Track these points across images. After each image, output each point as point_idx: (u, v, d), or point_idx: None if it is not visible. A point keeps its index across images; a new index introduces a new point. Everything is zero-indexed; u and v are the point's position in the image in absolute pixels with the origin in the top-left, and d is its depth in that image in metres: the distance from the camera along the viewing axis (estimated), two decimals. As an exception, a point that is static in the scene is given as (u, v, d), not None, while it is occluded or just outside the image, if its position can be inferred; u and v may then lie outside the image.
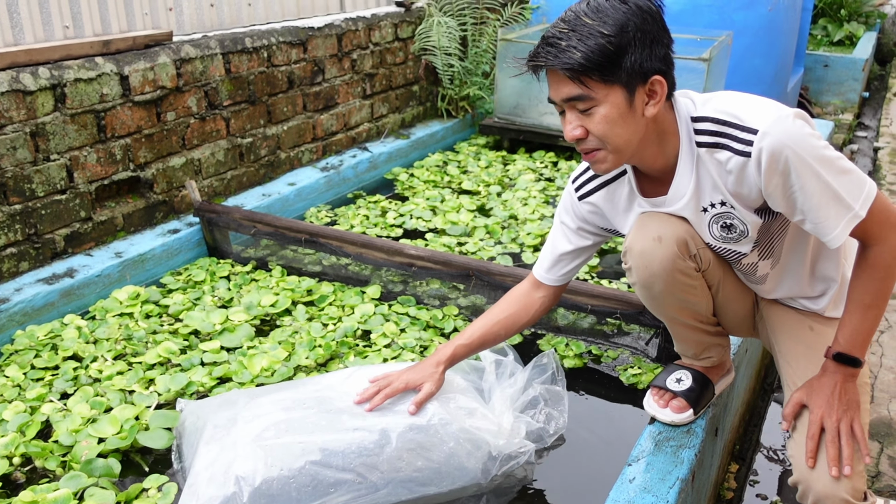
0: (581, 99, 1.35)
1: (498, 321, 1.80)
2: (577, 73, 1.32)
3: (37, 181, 2.56)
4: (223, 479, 1.58)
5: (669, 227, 1.53)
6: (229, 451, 1.64)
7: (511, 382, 1.94)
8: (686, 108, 1.45)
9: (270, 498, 1.58)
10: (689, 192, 1.47)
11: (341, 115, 3.96)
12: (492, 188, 3.83)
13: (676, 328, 1.75)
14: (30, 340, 2.37)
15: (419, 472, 1.71)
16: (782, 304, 1.69)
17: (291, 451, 1.63)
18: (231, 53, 3.20)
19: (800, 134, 1.32)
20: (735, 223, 1.49)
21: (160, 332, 2.46)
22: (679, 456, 1.69)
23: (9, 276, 2.53)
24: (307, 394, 1.81)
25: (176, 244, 2.93)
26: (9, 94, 2.41)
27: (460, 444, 1.75)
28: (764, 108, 1.36)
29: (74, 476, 1.80)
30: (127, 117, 2.81)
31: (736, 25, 5.21)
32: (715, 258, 1.62)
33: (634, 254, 1.58)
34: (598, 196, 1.64)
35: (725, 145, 1.38)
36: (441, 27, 4.28)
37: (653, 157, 1.46)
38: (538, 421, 1.92)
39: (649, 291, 1.63)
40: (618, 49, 1.31)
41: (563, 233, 1.73)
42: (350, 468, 1.65)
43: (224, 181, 3.31)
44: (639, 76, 1.34)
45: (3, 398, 2.11)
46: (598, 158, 1.42)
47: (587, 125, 1.37)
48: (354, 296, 2.71)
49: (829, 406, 1.45)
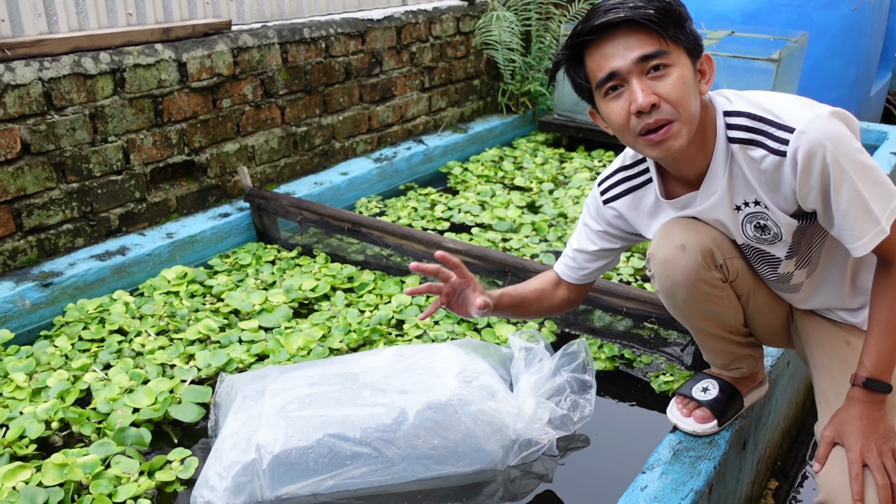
0: (659, 55, 1.25)
1: (536, 289, 1.71)
2: (656, 25, 1.24)
3: (94, 161, 2.67)
4: (245, 446, 1.67)
5: (694, 235, 1.47)
6: (254, 421, 1.72)
7: (538, 368, 1.94)
8: (720, 104, 1.39)
9: (289, 466, 1.66)
10: (720, 189, 1.41)
11: (398, 107, 3.99)
12: (544, 185, 3.78)
13: (702, 338, 1.69)
14: (80, 313, 2.48)
15: (435, 450, 1.74)
16: (818, 315, 1.61)
17: (311, 423, 1.70)
18: (288, 43, 3.26)
19: (838, 135, 1.26)
20: (769, 224, 1.42)
21: (202, 311, 2.54)
22: (697, 467, 1.63)
23: (64, 252, 2.65)
24: (334, 370, 1.87)
25: (225, 228, 3.01)
26: (70, 78, 2.53)
27: (479, 425, 1.77)
28: (801, 106, 1.30)
29: (104, 443, 1.87)
30: (183, 103, 2.90)
31: (815, 26, 4.99)
32: (745, 268, 1.55)
33: (657, 262, 1.52)
34: (623, 202, 1.58)
35: (760, 143, 1.32)
36: (500, 21, 4.25)
37: (696, 149, 1.38)
38: (563, 408, 1.90)
39: (672, 300, 1.57)
40: (680, 13, 1.28)
41: (586, 234, 1.69)
42: (367, 442, 1.70)
43: (277, 168, 3.38)
44: (697, 47, 1.31)
45: (50, 366, 2.22)
46: (672, 132, 1.28)
47: (660, 90, 1.26)
48: (393, 285, 2.73)
49: (867, 440, 1.35)
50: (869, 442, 1.34)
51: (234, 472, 1.63)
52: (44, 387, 2.10)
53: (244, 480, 1.63)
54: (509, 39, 4.38)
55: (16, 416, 1.98)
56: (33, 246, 2.57)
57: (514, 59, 4.50)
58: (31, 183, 2.51)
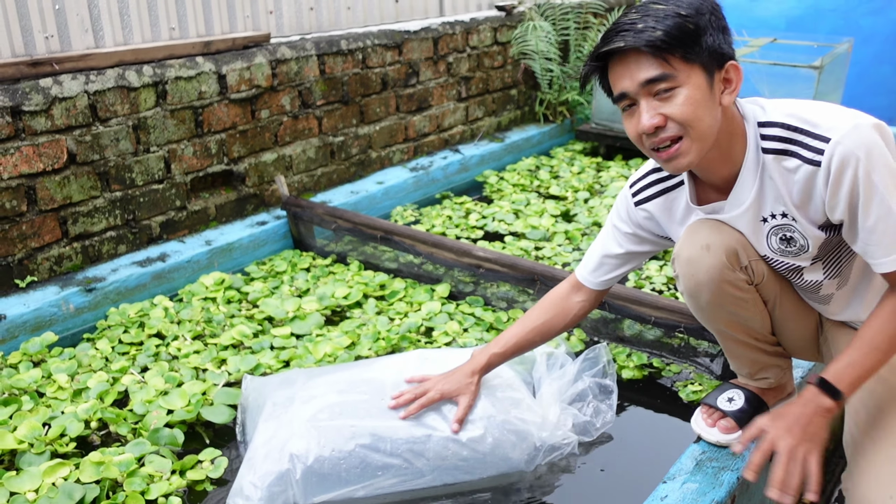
0: (664, 79, 1.27)
1: (534, 328, 1.78)
2: (659, 51, 1.26)
3: (136, 171, 2.77)
4: (279, 456, 1.69)
5: (719, 235, 1.47)
6: (286, 429, 1.75)
7: (560, 374, 1.95)
8: (753, 114, 1.38)
9: (321, 476, 1.68)
10: (749, 200, 1.40)
11: (434, 116, 4.03)
12: (579, 194, 3.78)
13: (728, 343, 1.67)
14: (121, 317, 2.57)
15: (464, 461, 1.76)
16: (850, 326, 1.59)
17: (343, 433, 1.72)
18: (326, 55, 3.33)
19: (874, 147, 1.25)
20: (795, 236, 1.41)
21: (237, 317, 2.60)
22: (719, 478, 1.61)
23: (107, 258, 2.75)
24: (360, 376, 1.89)
25: (262, 235, 3.08)
26: (114, 90, 2.63)
27: (505, 435, 1.79)
28: (841, 115, 1.28)
29: (139, 443, 1.93)
30: (223, 114, 2.99)
31: (863, 32, 4.87)
32: (771, 272, 1.54)
33: (682, 261, 1.53)
34: (654, 204, 1.58)
35: (794, 153, 1.31)
36: (537, 31, 4.26)
37: (721, 159, 1.39)
38: (585, 414, 1.91)
39: (696, 301, 1.57)
40: (696, 28, 1.27)
41: (614, 236, 1.69)
42: (397, 454, 1.72)
43: (314, 178, 3.45)
44: (717, 59, 1.30)
45: (91, 368, 2.30)
46: (681, 150, 1.31)
47: (666, 111, 1.29)
48: (424, 293, 2.75)
49: (789, 432, 1.35)
50: (790, 433, 1.34)
51: (269, 481, 1.66)
52: (84, 388, 2.18)
53: (278, 490, 1.66)
54: (546, 49, 4.39)
55: (57, 416, 2.05)
56: (78, 252, 2.68)
57: (551, 69, 4.50)
58: (76, 192, 2.62)
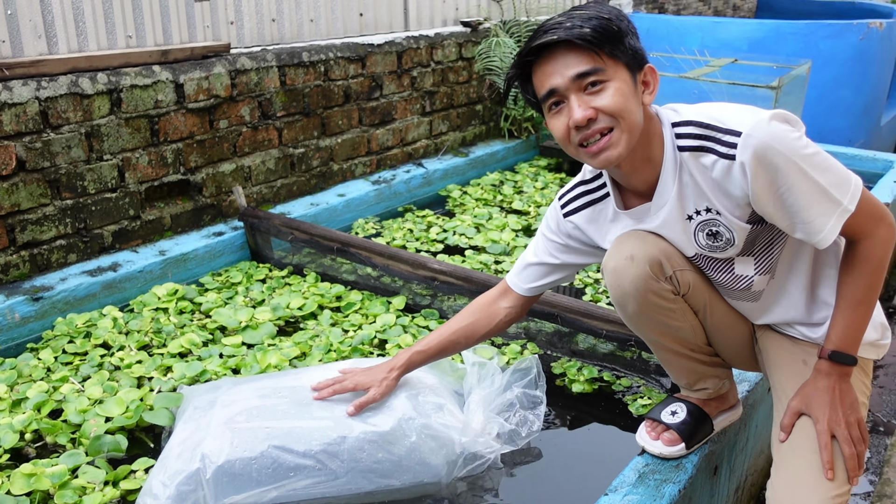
0: (594, 72, 1.32)
1: (457, 330, 1.82)
2: (590, 44, 1.31)
3: (89, 179, 2.73)
4: (190, 455, 1.69)
5: (643, 246, 1.50)
6: (202, 431, 1.74)
7: (490, 383, 1.95)
8: (667, 116, 1.44)
9: (232, 476, 1.67)
10: (672, 198, 1.44)
11: (398, 130, 4.03)
12: (542, 209, 3.79)
13: (662, 353, 1.68)
14: (68, 327, 2.52)
15: (379, 463, 1.75)
16: (779, 332, 1.60)
17: (257, 434, 1.72)
18: (287, 66, 3.32)
19: (782, 134, 1.31)
20: (721, 230, 1.45)
21: (188, 327, 2.57)
22: (661, 490, 1.61)
23: (56, 267, 2.70)
24: (286, 383, 1.90)
25: (219, 246, 3.05)
26: (67, 97, 2.59)
27: (424, 439, 1.79)
28: (744, 111, 1.36)
29: (74, 453, 1.89)
30: (180, 123, 2.96)
31: (823, 55, 4.98)
32: (699, 281, 1.55)
33: (608, 272, 1.55)
34: (582, 215, 1.62)
35: (709, 148, 1.36)
36: (501, 47, 4.29)
37: (642, 160, 1.43)
38: (511, 423, 1.91)
39: (624, 311, 1.59)
40: (619, 30, 1.33)
41: (545, 246, 1.72)
42: (311, 455, 1.71)
43: (273, 189, 3.42)
44: (638, 60, 1.36)
45: (31, 378, 2.25)
46: (612, 141, 1.34)
47: (598, 104, 1.33)
48: (380, 305, 2.73)
49: (834, 412, 1.40)
50: (836, 413, 1.40)
51: (178, 480, 1.64)
52: (24, 398, 2.13)
53: (188, 490, 1.65)
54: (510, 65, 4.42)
55: (-7, 427, 2.00)
56: (26, 261, 2.62)
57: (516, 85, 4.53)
58: (25, 199, 2.57)
